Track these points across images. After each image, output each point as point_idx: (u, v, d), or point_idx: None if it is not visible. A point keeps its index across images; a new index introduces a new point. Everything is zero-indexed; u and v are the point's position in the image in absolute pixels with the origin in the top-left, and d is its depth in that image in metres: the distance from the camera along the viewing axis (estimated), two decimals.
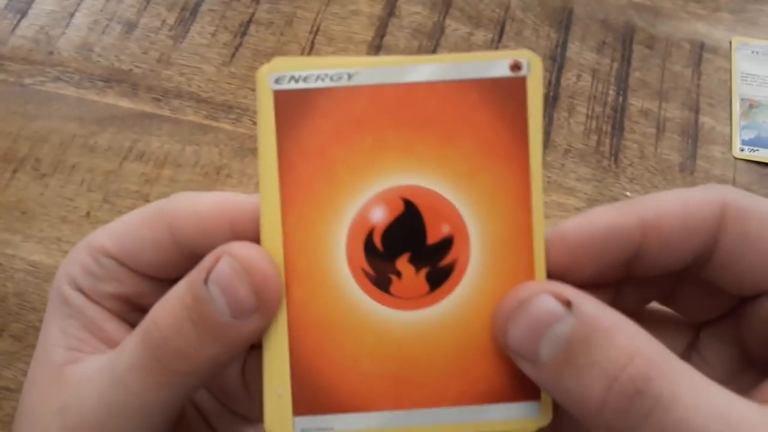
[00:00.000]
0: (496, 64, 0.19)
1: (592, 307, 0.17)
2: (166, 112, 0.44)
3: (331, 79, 0.19)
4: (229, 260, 0.18)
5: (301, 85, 0.19)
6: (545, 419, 0.19)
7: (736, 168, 0.44)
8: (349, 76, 0.19)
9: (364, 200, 0.19)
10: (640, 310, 0.22)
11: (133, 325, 0.22)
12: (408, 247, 0.19)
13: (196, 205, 0.20)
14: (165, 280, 0.22)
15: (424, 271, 0.19)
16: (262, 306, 0.18)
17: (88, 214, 0.41)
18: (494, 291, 0.19)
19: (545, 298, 0.17)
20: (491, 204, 0.19)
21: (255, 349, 0.25)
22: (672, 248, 0.19)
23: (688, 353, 0.22)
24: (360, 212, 0.19)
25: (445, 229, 0.19)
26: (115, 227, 0.21)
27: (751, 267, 0.18)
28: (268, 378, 0.19)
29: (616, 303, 0.20)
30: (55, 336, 0.21)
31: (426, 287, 0.19)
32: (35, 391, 0.21)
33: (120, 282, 0.21)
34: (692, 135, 0.45)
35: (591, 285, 0.19)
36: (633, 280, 0.20)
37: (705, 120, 0.45)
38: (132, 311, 0.22)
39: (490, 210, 0.19)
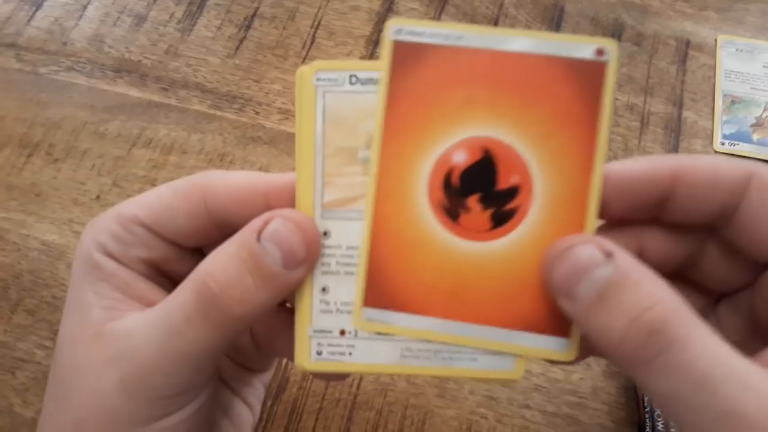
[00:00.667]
0: (583, 47, 0.21)
1: (627, 259, 0.19)
2: (173, 102, 0.46)
3: (443, 37, 0.22)
4: (282, 221, 0.21)
5: (416, 39, 0.22)
6: (571, 356, 0.22)
7: None
8: (458, 37, 0.22)
9: (450, 143, 0.22)
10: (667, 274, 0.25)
11: (160, 286, 0.25)
12: (480, 189, 0.22)
13: (230, 179, 0.23)
14: (187, 249, 0.25)
15: (490, 211, 0.22)
16: (309, 258, 0.22)
17: (98, 197, 0.43)
18: (547, 237, 0.22)
19: (590, 247, 0.20)
20: (558, 165, 0.22)
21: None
22: (698, 199, 0.21)
23: (705, 317, 0.24)
24: (445, 152, 0.22)
25: (514, 179, 0.22)
26: (146, 199, 0.24)
27: (765, 231, 0.21)
28: (299, 320, 0.23)
29: (646, 257, 0.23)
30: (90, 298, 0.23)
31: (489, 224, 0.22)
32: (79, 348, 0.23)
33: (149, 248, 0.24)
34: (675, 129, 0.47)
35: (627, 220, 0.22)
36: (664, 232, 0.23)
37: (688, 115, 0.47)
38: (157, 275, 0.25)
39: (556, 170, 0.22)
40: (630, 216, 0.22)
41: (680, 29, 0.50)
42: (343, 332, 0.23)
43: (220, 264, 0.21)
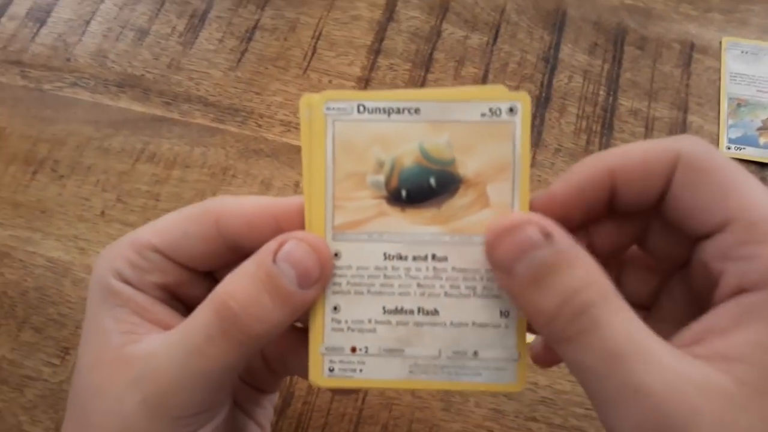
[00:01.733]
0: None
1: (565, 242, 0.21)
2: (176, 116, 0.47)
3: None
4: (297, 242, 0.23)
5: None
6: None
7: None
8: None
9: None
10: (622, 254, 0.26)
11: (175, 310, 0.26)
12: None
13: (241, 204, 0.24)
14: (200, 273, 0.26)
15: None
16: (323, 277, 0.23)
17: (102, 213, 0.43)
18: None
19: (532, 228, 0.21)
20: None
21: None
22: (635, 190, 0.23)
23: (657, 293, 0.26)
24: None
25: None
26: (160, 225, 0.25)
27: (690, 207, 0.22)
28: (312, 338, 0.24)
29: (598, 246, 0.25)
30: (108, 323, 0.24)
31: None
32: (99, 372, 0.23)
33: (163, 273, 0.25)
34: (680, 134, 0.46)
35: (582, 225, 0.24)
36: (614, 220, 0.24)
37: (693, 119, 0.47)
38: (171, 299, 0.26)
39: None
40: (585, 220, 0.24)
41: (684, 32, 0.50)
42: (354, 349, 0.24)
43: (238, 284, 0.22)
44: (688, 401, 0.18)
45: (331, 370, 0.24)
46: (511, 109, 0.24)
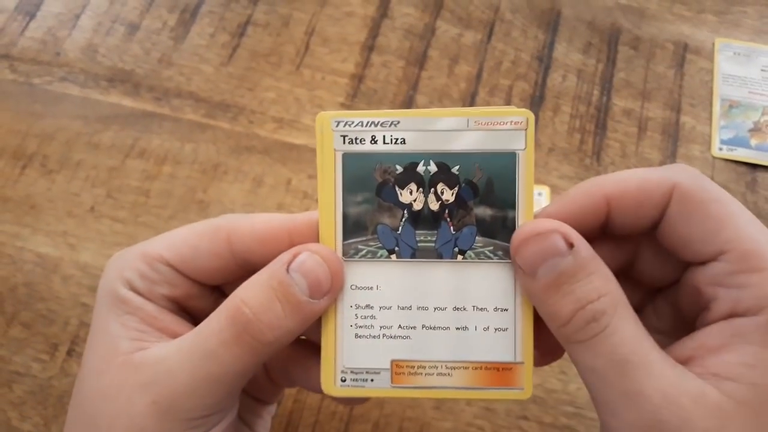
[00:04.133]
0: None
1: (586, 252, 0.22)
2: (167, 111, 0.46)
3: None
4: (310, 254, 0.23)
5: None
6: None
7: (714, 167, 0.45)
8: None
9: None
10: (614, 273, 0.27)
11: (184, 319, 0.26)
12: None
13: (254, 220, 0.25)
14: (208, 287, 0.27)
15: None
16: (334, 288, 0.24)
17: (92, 208, 0.43)
18: None
19: (556, 237, 0.22)
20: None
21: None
22: (630, 217, 0.24)
23: (643, 306, 0.27)
24: None
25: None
26: (171, 239, 0.26)
27: (685, 236, 0.23)
28: (325, 348, 0.25)
29: None
30: (117, 329, 0.24)
31: None
32: (107, 376, 0.24)
33: (173, 285, 0.26)
34: (673, 134, 0.46)
35: None
36: (607, 241, 0.26)
37: (686, 120, 0.47)
38: (179, 311, 0.27)
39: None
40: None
41: (678, 33, 0.50)
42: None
43: (252, 292, 0.23)
44: (682, 411, 0.20)
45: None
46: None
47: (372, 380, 0.25)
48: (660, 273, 0.26)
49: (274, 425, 0.37)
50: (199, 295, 0.27)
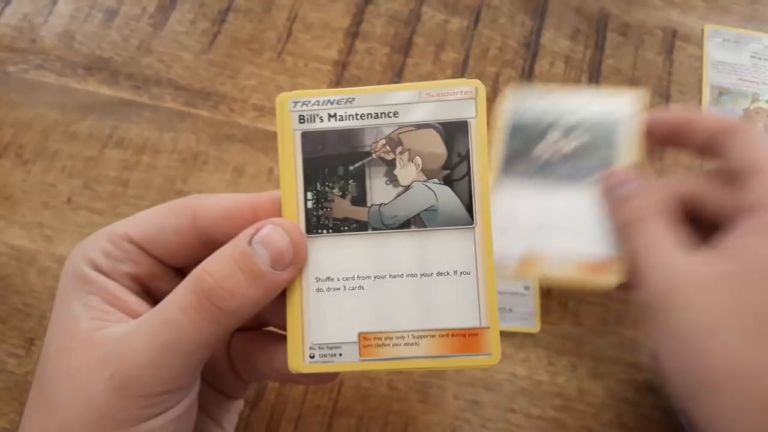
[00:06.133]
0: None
1: (639, 183, 0.31)
2: (145, 100, 0.45)
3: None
4: (273, 227, 0.24)
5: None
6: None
7: None
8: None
9: None
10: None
11: (146, 302, 0.26)
12: None
13: (219, 197, 0.26)
14: (172, 268, 0.27)
15: None
16: (296, 260, 0.24)
17: (69, 199, 0.42)
18: None
19: (626, 173, 0.32)
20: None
21: (237, 333, 0.29)
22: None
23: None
24: None
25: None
26: (138, 218, 0.26)
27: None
28: (291, 325, 0.25)
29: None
30: (79, 309, 0.24)
31: None
32: (67, 354, 0.24)
33: (137, 264, 0.26)
34: None
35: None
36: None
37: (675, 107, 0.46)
38: (143, 292, 0.27)
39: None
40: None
41: (667, 19, 0.49)
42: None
43: (215, 262, 0.23)
44: (674, 278, 0.27)
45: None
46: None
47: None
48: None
49: (256, 420, 0.36)
50: (162, 275, 0.27)
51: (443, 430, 0.36)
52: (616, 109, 0.34)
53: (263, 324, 0.30)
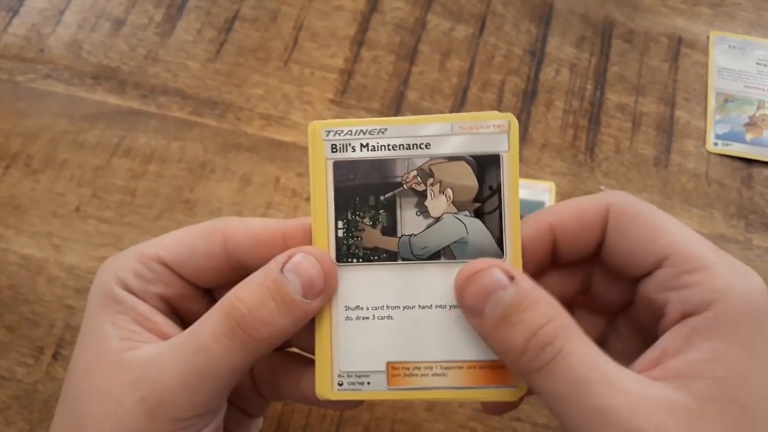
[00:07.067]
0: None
1: (527, 283, 0.23)
2: (153, 109, 0.45)
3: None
4: (305, 255, 0.24)
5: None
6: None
7: (709, 162, 0.45)
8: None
9: None
10: (571, 301, 0.28)
11: (175, 322, 0.26)
12: None
13: (249, 222, 0.26)
14: (201, 290, 0.28)
15: None
16: (327, 288, 0.24)
17: (77, 208, 0.42)
18: None
19: (495, 270, 0.23)
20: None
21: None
22: (574, 240, 0.25)
23: (606, 334, 0.28)
24: None
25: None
26: (168, 239, 0.26)
27: (627, 251, 0.24)
28: (319, 351, 0.25)
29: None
30: (108, 329, 0.25)
31: None
32: (96, 375, 0.24)
33: (167, 285, 0.26)
34: (667, 129, 0.46)
35: (533, 275, 0.25)
36: (559, 271, 0.27)
37: (680, 114, 0.46)
38: (171, 313, 0.27)
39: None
40: (535, 271, 0.26)
41: (672, 26, 0.49)
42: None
43: (247, 290, 0.24)
44: (652, 419, 0.20)
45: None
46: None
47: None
48: (614, 295, 0.27)
49: (264, 428, 0.37)
50: (191, 297, 0.27)
51: None
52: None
53: (287, 345, 0.30)
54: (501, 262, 0.23)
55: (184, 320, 0.27)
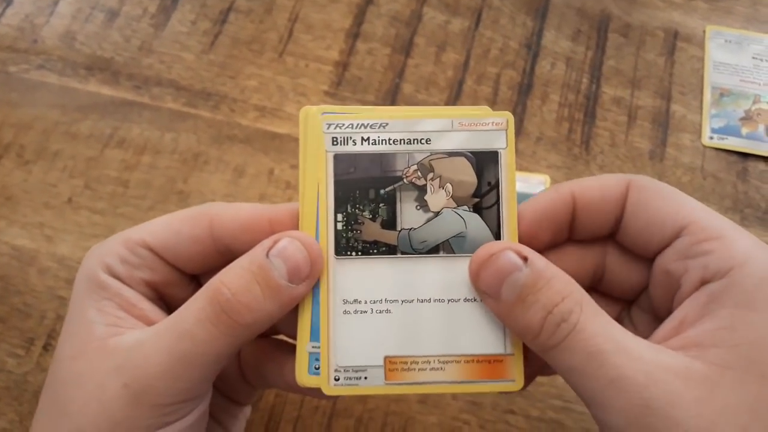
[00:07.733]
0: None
1: (541, 262, 0.23)
2: (146, 100, 0.45)
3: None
4: (290, 240, 0.24)
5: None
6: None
7: (704, 156, 0.45)
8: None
9: None
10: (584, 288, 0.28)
11: (161, 308, 0.26)
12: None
13: (237, 207, 0.26)
14: (187, 275, 0.27)
15: None
16: (312, 274, 0.24)
17: (69, 200, 0.42)
18: None
19: (509, 253, 0.23)
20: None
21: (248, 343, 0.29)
22: (594, 213, 0.25)
23: (620, 321, 0.27)
24: None
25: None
26: (155, 225, 0.26)
27: (646, 223, 0.24)
28: (300, 338, 0.25)
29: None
30: (93, 315, 0.24)
31: None
32: (81, 361, 0.24)
33: (153, 270, 0.26)
34: (663, 123, 0.45)
35: (550, 246, 0.26)
36: (576, 247, 0.27)
37: (676, 108, 0.46)
38: (157, 299, 0.27)
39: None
40: (550, 242, 0.26)
41: (668, 20, 0.49)
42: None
43: (232, 275, 0.23)
44: (667, 387, 0.20)
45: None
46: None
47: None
48: (629, 279, 0.27)
49: (255, 420, 0.36)
50: (177, 282, 0.27)
51: (442, 431, 0.36)
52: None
53: (274, 332, 0.30)
54: (514, 244, 0.24)
55: (170, 306, 0.27)
